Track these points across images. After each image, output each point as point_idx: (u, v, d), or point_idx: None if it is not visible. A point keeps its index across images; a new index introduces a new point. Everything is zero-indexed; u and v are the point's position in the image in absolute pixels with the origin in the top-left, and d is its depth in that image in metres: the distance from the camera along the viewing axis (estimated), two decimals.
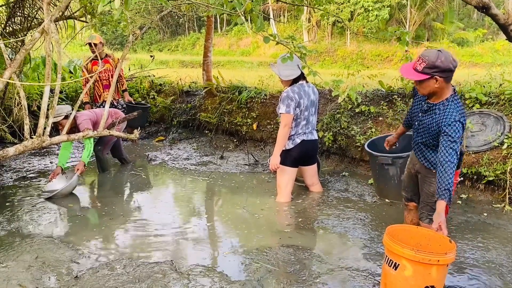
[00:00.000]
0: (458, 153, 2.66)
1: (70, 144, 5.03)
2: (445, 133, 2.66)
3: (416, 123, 2.99)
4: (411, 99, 3.31)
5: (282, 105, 4.06)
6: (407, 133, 3.64)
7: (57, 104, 3.98)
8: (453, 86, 2.82)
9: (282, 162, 4.16)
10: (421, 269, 2.23)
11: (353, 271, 2.83)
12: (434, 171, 2.96)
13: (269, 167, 4.23)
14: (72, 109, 4.67)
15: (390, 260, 2.35)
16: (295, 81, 4.13)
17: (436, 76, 2.64)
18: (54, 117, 4.44)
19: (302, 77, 4.16)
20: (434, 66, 2.62)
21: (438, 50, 2.68)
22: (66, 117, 4.71)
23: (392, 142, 3.56)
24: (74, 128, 4.78)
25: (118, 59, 6.06)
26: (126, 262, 2.92)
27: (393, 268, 2.33)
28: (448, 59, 2.65)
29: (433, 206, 2.84)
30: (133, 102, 6.78)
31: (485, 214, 3.84)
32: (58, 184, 4.58)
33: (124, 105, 6.60)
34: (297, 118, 4.11)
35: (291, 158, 4.19)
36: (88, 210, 4.23)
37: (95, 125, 4.92)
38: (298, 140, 4.16)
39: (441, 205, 2.55)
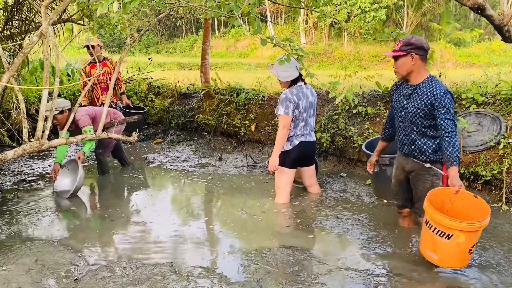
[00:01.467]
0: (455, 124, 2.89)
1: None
2: (440, 106, 2.88)
3: (403, 113, 3.12)
4: (391, 103, 3.44)
5: (280, 106, 4.08)
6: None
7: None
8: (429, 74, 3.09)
9: (281, 164, 4.17)
10: (472, 235, 2.65)
11: (351, 272, 2.85)
12: (427, 166, 3.09)
13: (267, 168, 4.25)
14: (72, 107, 4.70)
15: (443, 232, 2.66)
16: (293, 82, 4.15)
17: (412, 53, 2.95)
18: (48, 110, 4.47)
19: (300, 78, 4.18)
20: (409, 43, 2.95)
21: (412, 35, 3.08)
22: (62, 112, 4.69)
23: (373, 162, 3.64)
24: (72, 124, 4.80)
25: (116, 62, 6.08)
26: (126, 264, 2.94)
27: (445, 238, 2.66)
28: (420, 39, 3.00)
29: None
30: (131, 105, 6.79)
31: None
32: (65, 180, 4.69)
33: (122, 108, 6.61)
34: (296, 119, 4.12)
35: (290, 159, 4.21)
36: (88, 213, 4.24)
37: (93, 121, 4.92)
38: (296, 142, 4.18)
39: (455, 170, 2.79)
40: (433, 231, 2.70)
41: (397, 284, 2.67)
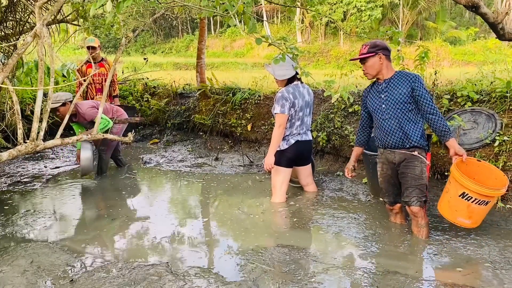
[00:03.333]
0: None
1: (83, 128, 5.26)
2: (419, 87, 3.22)
3: (383, 106, 3.35)
4: (362, 109, 3.72)
5: (276, 105, 4.08)
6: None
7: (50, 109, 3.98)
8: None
9: (277, 163, 4.17)
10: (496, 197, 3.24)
11: (348, 270, 2.85)
12: (415, 154, 3.27)
13: (263, 167, 4.25)
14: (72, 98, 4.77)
15: (482, 200, 3.02)
16: (290, 81, 4.15)
17: (379, 53, 3.27)
18: (52, 103, 4.56)
19: (297, 77, 4.18)
20: (375, 45, 3.30)
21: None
22: (64, 104, 4.76)
23: (352, 168, 3.79)
24: (74, 117, 4.87)
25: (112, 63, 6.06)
26: (122, 264, 2.93)
27: (484, 204, 3.05)
28: (383, 42, 3.42)
29: (421, 188, 3.25)
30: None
31: None
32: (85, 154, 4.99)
33: None
34: (292, 118, 4.12)
35: (286, 158, 4.21)
36: (83, 214, 4.22)
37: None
38: (292, 141, 4.18)
39: (454, 141, 3.16)
40: (471, 201, 3.04)
41: (393, 282, 2.67)
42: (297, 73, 4.14)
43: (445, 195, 3.25)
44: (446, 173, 4.23)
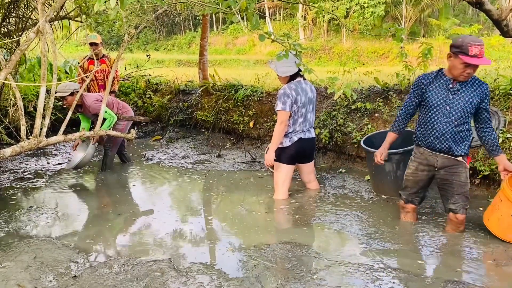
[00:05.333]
0: None
1: (89, 121, 5.36)
2: (486, 99, 3.08)
3: (448, 108, 3.10)
4: (409, 96, 3.38)
5: (278, 102, 4.07)
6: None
7: (53, 105, 3.98)
8: None
9: (279, 160, 4.17)
10: None
11: (350, 267, 2.85)
12: (460, 160, 3.18)
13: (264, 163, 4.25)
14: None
15: None
16: (292, 78, 4.15)
17: None
18: (60, 92, 4.65)
19: (299, 74, 4.17)
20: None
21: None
22: (72, 94, 4.83)
23: (386, 155, 3.60)
24: (80, 108, 4.99)
25: (114, 59, 6.06)
26: (125, 260, 2.93)
27: None
28: None
29: (467, 194, 3.19)
30: None
31: (481, 209, 3.86)
32: (79, 154, 5.16)
33: None
34: (294, 115, 4.11)
35: (288, 155, 4.20)
36: (86, 210, 4.23)
37: None
38: (295, 138, 4.17)
39: (504, 156, 3.13)
40: None
41: (395, 279, 2.67)
42: (300, 70, 4.13)
43: (495, 212, 3.16)
44: None
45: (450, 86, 3.10)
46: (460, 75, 3.01)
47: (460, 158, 3.17)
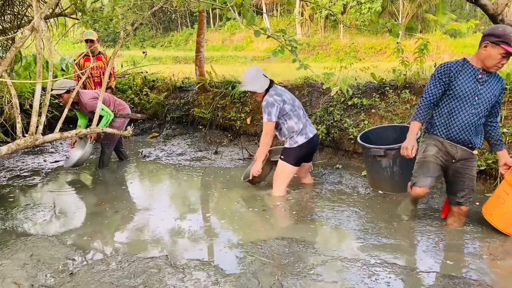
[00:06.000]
0: None
1: (86, 118, 5.36)
2: (502, 93, 3.10)
3: (476, 99, 3.03)
4: (433, 84, 3.14)
5: (264, 114, 4.09)
6: (397, 124, 3.63)
7: (49, 103, 3.97)
8: None
9: (288, 160, 4.16)
10: None
11: (347, 262, 2.85)
12: (475, 153, 3.18)
13: (244, 178, 4.17)
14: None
15: None
16: (267, 89, 4.15)
17: None
18: (56, 89, 4.63)
19: (272, 82, 4.19)
20: None
21: None
22: (68, 91, 4.81)
23: (416, 147, 3.16)
24: (76, 105, 5.01)
25: (110, 56, 6.05)
26: (122, 257, 2.93)
27: None
28: None
29: (474, 188, 3.22)
30: None
31: (477, 203, 3.88)
32: (77, 151, 5.22)
33: None
34: (294, 111, 4.11)
35: (301, 155, 4.18)
36: (83, 207, 4.23)
37: None
38: (310, 134, 4.16)
39: (506, 151, 3.18)
40: None
41: (391, 274, 2.68)
42: (271, 80, 4.15)
43: (500, 206, 3.13)
44: None
45: (479, 76, 3.01)
46: (495, 66, 2.94)
47: (475, 152, 3.18)
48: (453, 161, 3.19)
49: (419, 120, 3.18)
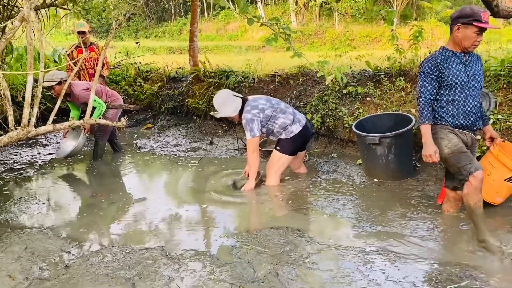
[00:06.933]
0: None
1: (78, 109, 5.32)
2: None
3: (471, 81, 3.05)
4: (426, 81, 3.06)
5: (246, 132, 4.08)
6: (392, 112, 3.61)
7: (41, 95, 3.93)
8: None
9: (283, 151, 4.16)
10: None
11: (342, 250, 2.86)
12: (478, 138, 3.26)
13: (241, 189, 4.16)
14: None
15: None
16: (242, 109, 4.13)
17: None
18: (47, 81, 4.58)
19: (246, 99, 4.18)
20: None
21: None
22: (60, 83, 4.78)
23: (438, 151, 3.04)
24: (68, 96, 4.96)
25: (102, 47, 5.98)
26: (117, 249, 2.93)
27: None
28: None
29: None
30: None
31: None
32: (69, 142, 5.23)
33: None
34: (274, 109, 4.12)
35: (297, 144, 4.21)
36: (77, 199, 4.21)
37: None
38: (303, 121, 4.22)
39: (491, 127, 3.24)
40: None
41: (386, 261, 2.69)
42: (242, 98, 4.14)
43: (486, 178, 3.10)
44: None
45: (464, 59, 3.04)
46: (472, 45, 2.96)
47: (478, 136, 3.25)
48: (467, 147, 3.11)
49: (428, 122, 3.07)
